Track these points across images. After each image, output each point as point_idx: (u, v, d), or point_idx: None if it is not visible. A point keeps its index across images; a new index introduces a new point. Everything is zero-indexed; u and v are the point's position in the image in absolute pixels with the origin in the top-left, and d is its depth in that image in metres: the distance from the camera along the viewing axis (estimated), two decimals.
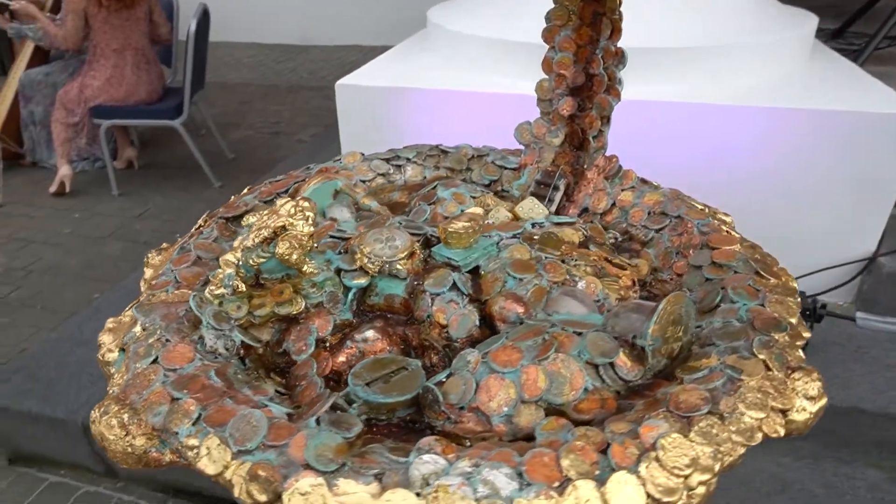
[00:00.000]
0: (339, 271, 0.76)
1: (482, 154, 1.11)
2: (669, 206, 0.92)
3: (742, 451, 0.54)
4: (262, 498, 0.49)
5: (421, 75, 1.81)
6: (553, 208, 1.01)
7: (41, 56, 3.59)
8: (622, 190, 0.99)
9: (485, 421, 0.59)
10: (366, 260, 0.75)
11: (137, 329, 0.67)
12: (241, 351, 0.69)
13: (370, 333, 0.73)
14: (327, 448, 0.51)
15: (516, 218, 0.96)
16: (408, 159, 1.10)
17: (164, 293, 0.73)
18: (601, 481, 0.49)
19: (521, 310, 0.70)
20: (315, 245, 0.75)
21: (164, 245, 0.87)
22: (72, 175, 3.33)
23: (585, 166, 1.02)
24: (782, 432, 0.56)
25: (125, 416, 0.56)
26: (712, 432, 0.54)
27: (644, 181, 1.00)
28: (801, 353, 0.64)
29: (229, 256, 0.71)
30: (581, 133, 1.02)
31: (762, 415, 0.56)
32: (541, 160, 1.05)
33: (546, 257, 0.77)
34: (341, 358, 0.72)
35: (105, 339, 0.68)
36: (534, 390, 0.59)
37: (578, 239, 0.85)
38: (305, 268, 0.72)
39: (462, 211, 0.94)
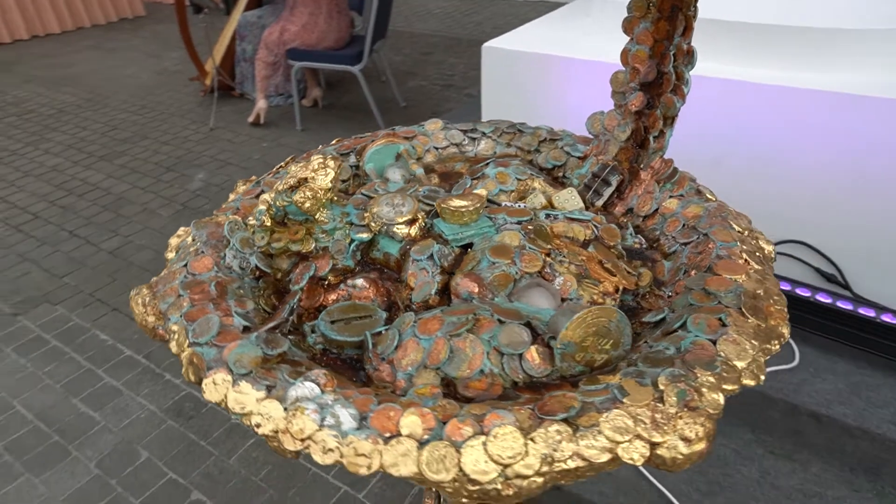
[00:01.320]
0: (351, 224, 0.88)
1: (556, 138, 1.13)
2: (703, 222, 0.87)
3: (582, 464, 0.56)
4: (193, 378, 0.66)
5: (571, 44, 1.78)
6: (600, 203, 1.01)
7: (256, 0, 4.18)
8: (670, 196, 0.95)
9: (393, 375, 0.69)
10: (371, 219, 0.86)
11: (189, 239, 0.87)
12: (257, 272, 0.86)
13: (360, 281, 0.85)
14: (245, 357, 0.65)
15: (551, 205, 0.98)
16: (483, 133, 1.16)
17: (224, 216, 0.93)
18: (423, 444, 0.56)
19: (474, 289, 0.76)
20: (334, 198, 0.88)
21: (253, 178, 1.07)
22: (266, 108, 3.90)
23: (641, 166, 0.99)
24: (639, 462, 0.57)
25: (147, 299, 0.77)
26: (556, 438, 0.56)
27: (699, 191, 0.94)
28: (719, 397, 0.61)
29: (266, 196, 0.88)
30: (644, 131, 0.98)
31: (621, 439, 0.57)
32: (605, 153, 1.04)
33: (529, 248, 0.81)
34: (332, 296, 0.85)
35: (172, 241, 0.90)
36: (435, 359, 0.67)
37: (584, 237, 0.86)
38: (318, 216, 0.86)
39: (500, 191, 1.00)
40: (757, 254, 0.81)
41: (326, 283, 0.86)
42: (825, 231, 1.65)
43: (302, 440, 0.58)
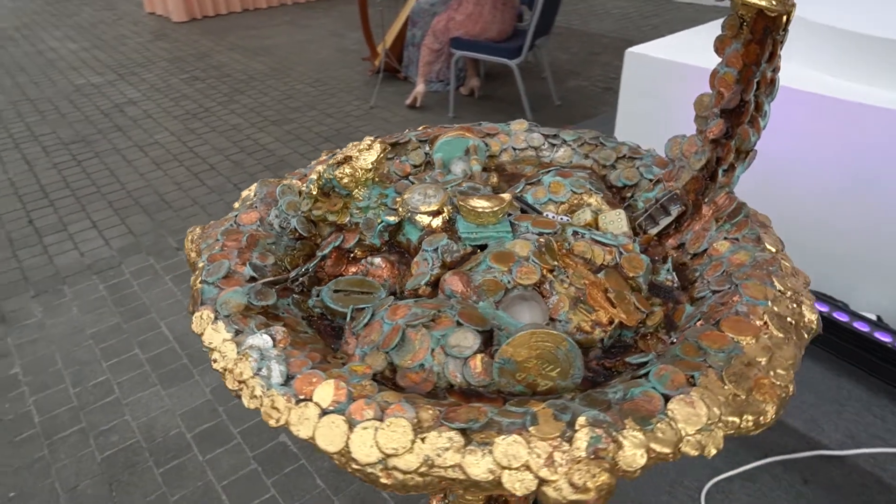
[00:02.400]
0: (385, 206, 0.93)
1: (636, 156, 1.06)
2: (742, 272, 0.77)
3: (461, 475, 0.56)
4: (191, 309, 0.76)
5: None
6: (653, 231, 0.94)
7: None
8: (724, 238, 0.85)
9: (353, 349, 0.73)
10: (400, 204, 0.90)
11: (251, 195, 0.99)
12: (297, 234, 0.95)
13: (378, 260, 0.90)
14: (231, 302, 0.74)
15: (595, 224, 0.94)
16: (564, 141, 1.13)
17: (291, 179, 1.03)
18: (325, 413, 0.60)
19: (459, 288, 0.77)
20: (375, 178, 0.94)
21: (336, 150, 1.17)
22: (424, 92, 4.03)
23: (706, 200, 0.90)
24: (520, 493, 0.55)
25: (196, 237, 0.90)
26: (443, 445, 0.57)
27: (759, 238, 0.83)
28: (640, 456, 0.56)
29: (319, 167, 0.96)
30: (716, 162, 0.89)
31: (508, 464, 0.55)
32: (676, 179, 0.96)
33: (532, 260, 0.79)
34: (353, 269, 0.91)
35: (243, 194, 1.03)
36: (387, 343, 0.70)
37: (601, 261, 0.82)
38: (354, 192, 0.92)
39: (549, 200, 0.98)
40: (788, 319, 0.71)
41: (352, 255, 0.93)
42: None
43: (239, 382, 0.65)
